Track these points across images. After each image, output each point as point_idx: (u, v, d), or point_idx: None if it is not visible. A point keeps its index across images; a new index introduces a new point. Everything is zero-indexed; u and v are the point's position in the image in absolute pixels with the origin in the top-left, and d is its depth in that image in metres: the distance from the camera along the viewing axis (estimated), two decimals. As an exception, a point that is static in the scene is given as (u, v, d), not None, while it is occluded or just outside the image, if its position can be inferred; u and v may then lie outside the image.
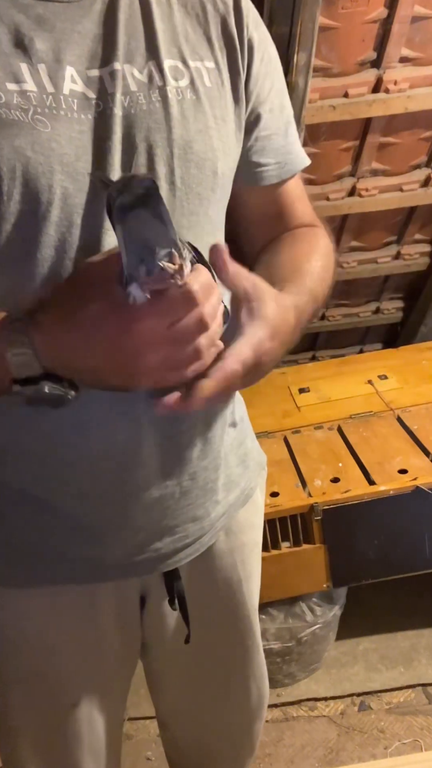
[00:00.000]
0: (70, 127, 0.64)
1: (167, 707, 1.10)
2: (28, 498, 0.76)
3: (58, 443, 0.72)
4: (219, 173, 0.72)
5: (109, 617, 0.86)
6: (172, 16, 0.72)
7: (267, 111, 0.79)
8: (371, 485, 1.63)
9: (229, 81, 0.74)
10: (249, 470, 0.92)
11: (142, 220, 0.51)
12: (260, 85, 0.77)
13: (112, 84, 0.66)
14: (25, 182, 0.62)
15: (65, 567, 0.80)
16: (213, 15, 0.74)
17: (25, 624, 0.84)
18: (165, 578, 0.87)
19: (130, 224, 0.51)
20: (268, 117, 0.79)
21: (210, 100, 0.71)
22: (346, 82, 1.64)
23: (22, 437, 0.72)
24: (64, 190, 0.63)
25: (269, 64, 0.79)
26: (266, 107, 0.79)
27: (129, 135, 0.66)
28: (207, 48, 0.73)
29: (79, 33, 0.66)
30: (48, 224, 0.63)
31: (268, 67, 0.78)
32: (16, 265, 0.64)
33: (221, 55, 0.74)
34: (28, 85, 0.62)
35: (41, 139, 0.62)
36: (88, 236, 0.65)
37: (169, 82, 0.69)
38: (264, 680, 1.06)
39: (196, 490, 0.82)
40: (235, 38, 0.74)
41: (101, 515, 0.77)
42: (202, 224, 0.73)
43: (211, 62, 0.73)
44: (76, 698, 0.89)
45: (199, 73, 0.71)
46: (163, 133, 0.68)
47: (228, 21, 0.74)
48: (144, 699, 1.61)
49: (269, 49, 0.79)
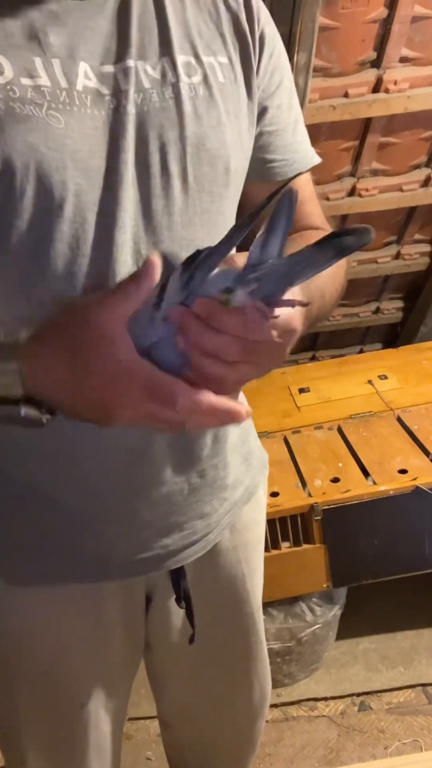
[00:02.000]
0: (83, 123, 0.63)
1: (169, 706, 1.10)
2: (35, 495, 0.76)
3: (67, 440, 0.72)
4: (232, 170, 0.72)
5: (116, 616, 0.86)
6: (184, 12, 0.72)
7: (274, 107, 0.78)
8: (371, 485, 1.63)
9: (242, 76, 0.74)
10: (252, 468, 0.92)
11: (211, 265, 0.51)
12: (268, 79, 0.77)
13: (126, 81, 0.66)
14: (38, 178, 0.61)
15: (72, 564, 0.80)
16: (225, 11, 0.74)
17: (32, 622, 0.84)
18: (171, 576, 0.87)
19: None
20: (276, 112, 0.79)
21: (223, 95, 0.71)
22: (346, 82, 1.64)
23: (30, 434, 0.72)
24: (78, 186, 0.63)
25: (279, 60, 0.79)
26: (273, 102, 0.78)
27: (142, 132, 0.66)
28: (220, 43, 0.73)
29: (92, 29, 0.66)
30: (61, 220, 0.63)
31: (277, 63, 0.78)
32: (29, 261, 0.64)
33: (234, 50, 0.74)
34: (42, 80, 0.62)
35: (55, 135, 0.62)
36: (101, 232, 0.65)
37: (182, 78, 0.69)
38: (267, 678, 1.06)
39: (205, 488, 0.82)
40: (247, 34, 0.74)
41: (109, 512, 0.77)
42: (216, 222, 0.72)
43: (225, 57, 0.73)
44: (83, 697, 0.89)
45: (212, 68, 0.71)
46: (176, 131, 0.68)
47: (240, 17, 0.74)
48: (144, 699, 1.61)
49: (279, 45, 0.79)
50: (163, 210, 0.68)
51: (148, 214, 0.67)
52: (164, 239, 0.68)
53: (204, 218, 0.71)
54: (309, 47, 1.45)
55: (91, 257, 0.65)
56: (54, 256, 0.64)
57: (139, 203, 0.66)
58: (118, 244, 0.65)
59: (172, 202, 0.68)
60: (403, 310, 2.46)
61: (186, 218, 0.69)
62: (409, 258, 2.23)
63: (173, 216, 0.68)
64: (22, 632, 0.84)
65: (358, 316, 2.44)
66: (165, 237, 0.68)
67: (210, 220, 0.72)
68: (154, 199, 0.67)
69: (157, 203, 0.67)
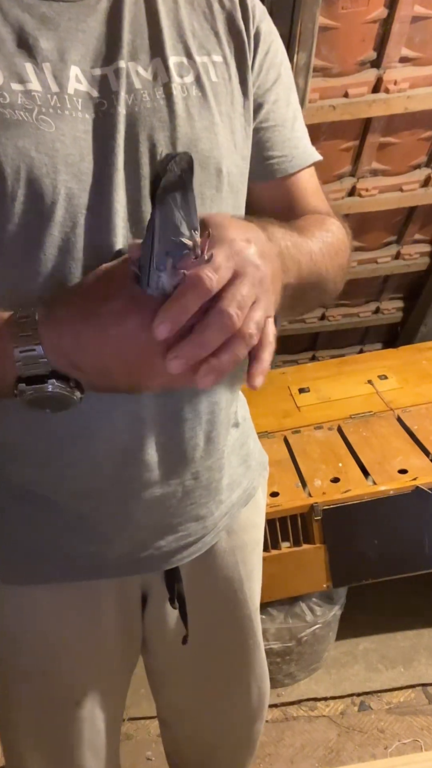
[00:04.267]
0: (74, 126, 0.63)
1: (168, 705, 1.10)
2: (31, 496, 0.76)
3: (61, 442, 0.72)
4: (224, 172, 0.71)
5: (111, 615, 0.86)
6: (178, 12, 0.71)
7: (271, 102, 0.78)
8: (371, 485, 1.63)
9: (237, 74, 0.74)
10: (251, 470, 0.92)
11: (176, 203, 0.50)
12: (264, 76, 0.76)
13: (117, 82, 0.66)
14: (29, 182, 0.61)
15: (68, 564, 0.80)
16: (219, 10, 0.74)
17: (28, 621, 0.84)
18: (166, 577, 0.87)
19: (165, 208, 0.49)
20: (272, 108, 0.78)
21: (216, 95, 0.71)
22: (346, 82, 1.64)
23: (25, 436, 0.72)
24: (69, 190, 0.63)
25: (275, 56, 0.78)
26: (270, 98, 0.77)
27: (132, 133, 0.66)
28: (215, 42, 0.73)
29: (83, 32, 0.66)
30: (52, 224, 0.63)
31: (273, 59, 0.77)
32: (19, 265, 0.64)
33: (229, 48, 0.73)
34: (33, 85, 0.62)
35: (45, 140, 0.62)
36: (92, 236, 0.64)
37: (174, 78, 0.68)
38: (265, 680, 1.06)
39: (200, 490, 0.82)
40: (242, 31, 0.74)
41: (103, 513, 0.77)
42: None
43: (219, 56, 0.72)
44: (79, 696, 0.89)
45: (206, 68, 0.71)
46: (167, 132, 0.67)
47: (234, 14, 0.74)
48: (144, 699, 1.62)
49: (276, 41, 0.79)
50: None
51: (137, 217, 0.66)
52: None
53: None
54: (309, 47, 1.45)
55: (81, 260, 0.64)
56: (44, 260, 0.64)
57: (128, 205, 0.66)
58: (108, 246, 0.65)
59: None
60: (403, 310, 2.46)
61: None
62: (409, 258, 2.23)
63: None
64: (17, 631, 0.85)
65: (358, 316, 2.44)
66: None
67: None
68: (144, 201, 0.66)
69: (147, 205, 0.67)
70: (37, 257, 0.64)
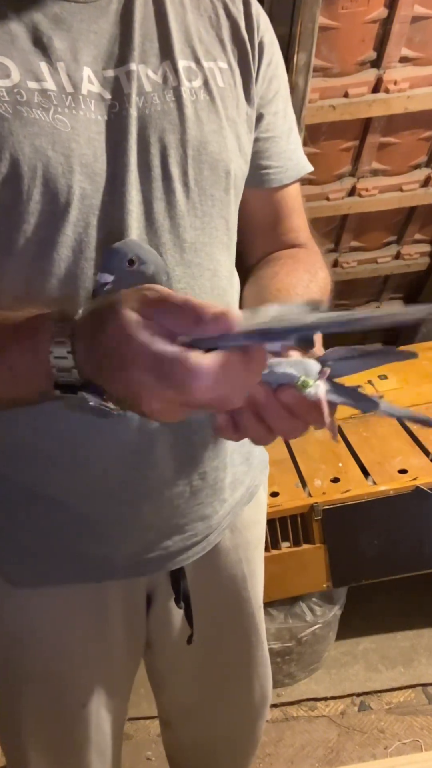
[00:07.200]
0: (88, 127, 0.64)
1: (170, 705, 1.10)
2: (39, 497, 0.76)
3: (70, 443, 0.72)
4: (232, 174, 0.73)
5: (118, 616, 0.87)
6: (185, 17, 0.72)
7: (271, 113, 0.79)
8: (371, 485, 1.63)
9: (241, 81, 0.75)
10: (253, 468, 0.92)
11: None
12: (266, 87, 0.78)
13: (128, 84, 0.66)
14: (45, 182, 0.62)
15: (75, 566, 0.80)
16: (225, 18, 0.74)
17: (35, 623, 0.84)
18: (171, 577, 0.87)
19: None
20: (272, 119, 0.79)
21: (223, 100, 0.72)
22: (346, 82, 1.64)
23: (35, 437, 0.72)
24: (83, 190, 0.63)
25: (277, 68, 0.79)
26: (271, 109, 0.79)
27: (143, 135, 0.66)
28: (220, 49, 0.73)
29: (95, 33, 0.66)
30: (66, 224, 0.63)
31: (275, 71, 0.79)
32: (32, 264, 0.64)
33: (233, 57, 0.74)
34: (48, 84, 0.63)
35: (61, 139, 0.62)
36: (104, 237, 0.65)
37: (183, 82, 0.69)
38: (267, 678, 1.06)
39: (206, 489, 0.82)
40: (246, 41, 0.75)
41: (112, 514, 0.77)
42: (216, 225, 0.73)
43: (224, 63, 0.73)
44: (84, 697, 0.89)
45: (213, 73, 0.72)
46: (177, 134, 0.68)
47: (239, 24, 0.75)
48: (144, 699, 1.61)
49: (277, 53, 0.80)
50: (165, 213, 0.68)
51: (150, 217, 0.67)
52: (166, 242, 0.68)
53: (205, 221, 0.71)
54: (309, 47, 1.46)
55: (94, 260, 0.65)
56: (57, 259, 0.64)
57: (141, 206, 0.67)
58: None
59: (173, 206, 0.68)
60: (403, 310, 2.46)
61: (187, 221, 0.69)
62: (409, 258, 2.23)
63: (175, 219, 0.69)
64: (24, 632, 0.84)
65: (358, 316, 2.43)
66: (167, 240, 0.68)
67: (211, 223, 0.72)
68: (156, 202, 0.67)
69: (159, 206, 0.67)
70: (51, 257, 0.64)
